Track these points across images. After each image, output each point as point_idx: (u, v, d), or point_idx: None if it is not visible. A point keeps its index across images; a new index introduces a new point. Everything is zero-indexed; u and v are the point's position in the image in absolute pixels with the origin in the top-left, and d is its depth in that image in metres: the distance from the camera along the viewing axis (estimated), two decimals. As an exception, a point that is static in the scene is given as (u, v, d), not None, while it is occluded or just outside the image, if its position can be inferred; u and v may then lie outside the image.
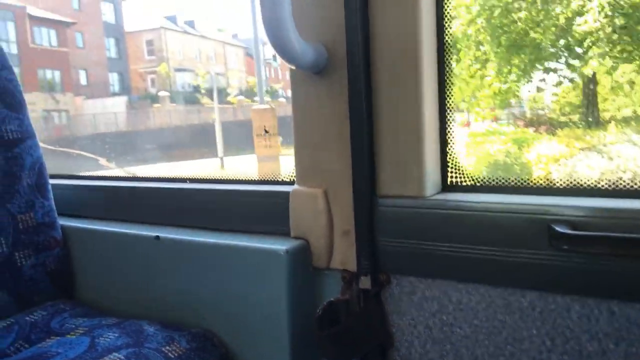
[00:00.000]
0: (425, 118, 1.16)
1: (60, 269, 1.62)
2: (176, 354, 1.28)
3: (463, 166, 1.23)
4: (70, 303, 1.58)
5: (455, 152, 1.24)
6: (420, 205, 1.16)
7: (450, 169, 1.24)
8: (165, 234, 1.46)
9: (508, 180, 1.18)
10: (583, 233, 0.98)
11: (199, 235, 1.42)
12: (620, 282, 0.97)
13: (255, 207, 1.42)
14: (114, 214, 1.67)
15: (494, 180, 1.19)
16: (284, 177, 1.45)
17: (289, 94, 1.35)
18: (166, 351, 1.28)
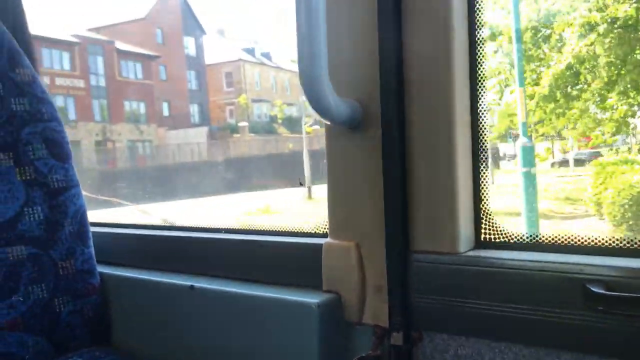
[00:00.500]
0: (459, 174, 1.15)
1: (96, 315, 1.65)
2: None
3: (497, 222, 1.21)
4: (105, 350, 1.61)
5: (489, 208, 1.21)
6: (454, 261, 1.15)
7: (484, 225, 1.21)
8: (200, 283, 1.48)
9: (542, 237, 1.15)
10: (619, 294, 0.96)
11: (232, 286, 1.43)
12: None
13: (287, 259, 1.42)
14: (150, 262, 1.70)
15: (528, 237, 1.17)
16: (316, 230, 1.45)
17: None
18: None
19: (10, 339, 1.48)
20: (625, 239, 1.06)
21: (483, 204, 1.21)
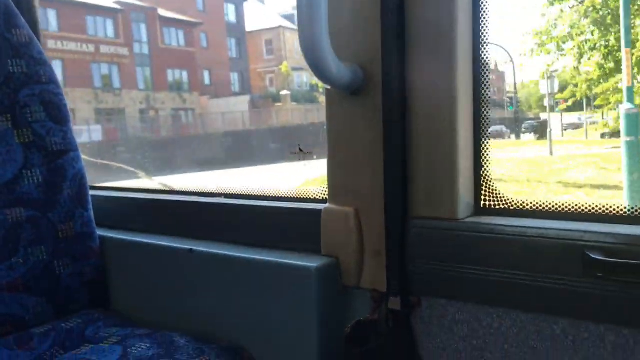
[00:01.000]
0: (460, 139, 1.14)
1: (96, 278, 1.67)
2: None
3: (497, 189, 1.20)
4: (105, 312, 1.63)
5: (490, 175, 1.20)
6: (453, 227, 1.14)
7: (484, 191, 1.21)
8: (199, 247, 1.49)
9: (542, 204, 1.14)
10: (618, 261, 0.96)
11: (232, 250, 1.44)
12: None
13: (287, 224, 1.43)
14: (150, 226, 1.71)
15: (528, 203, 1.16)
16: (316, 195, 1.45)
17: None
18: None
19: (10, 300, 1.50)
20: (626, 207, 1.05)
21: (484, 170, 1.20)
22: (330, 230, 1.31)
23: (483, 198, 1.20)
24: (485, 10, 1.16)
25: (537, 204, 1.15)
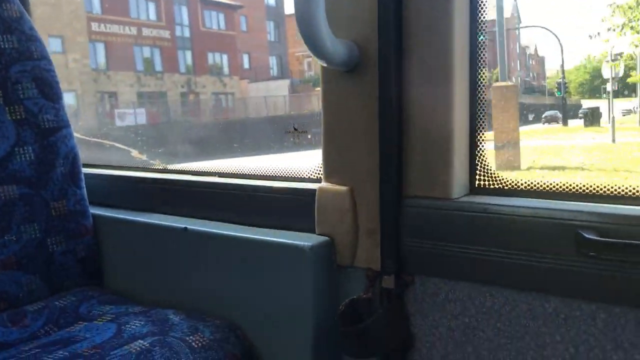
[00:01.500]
0: (455, 119, 1.15)
1: (89, 256, 1.67)
2: (200, 344, 1.30)
3: (491, 169, 1.21)
4: (99, 290, 1.63)
5: (485, 155, 1.21)
6: (447, 207, 1.15)
7: (478, 171, 1.21)
8: (193, 226, 1.48)
9: (536, 184, 1.15)
10: (611, 240, 0.98)
11: (226, 229, 1.43)
12: None
13: (281, 203, 1.43)
14: (144, 204, 1.71)
15: (522, 183, 1.17)
16: (310, 174, 1.45)
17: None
18: (190, 341, 1.30)
19: (3, 278, 1.50)
20: (619, 186, 1.07)
21: (479, 150, 1.21)
22: (324, 210, 1.31)
23: (478, 178, 1.21)
24: None
25: (531, 183, 1.15)
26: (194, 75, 28.48)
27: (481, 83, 1.18)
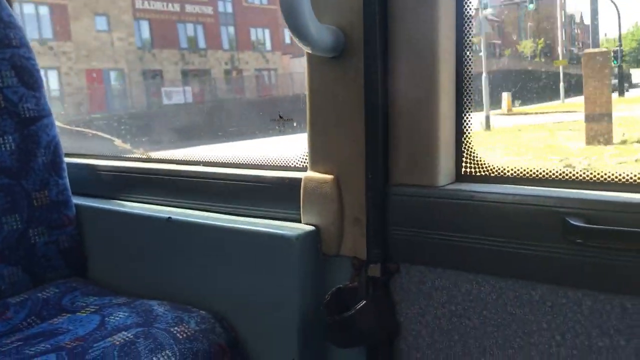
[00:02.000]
0: (441, 106, 1.13)
1: (72, 247, 1.65)
2: (184, 335, 1.29)
3: (478, 156, 1.20)
4: (82, 281, 1.61)
5: (471, 142, 1.20)
6: (433, 194, 1.14)
7: (465, 158, 1.21)
8: (177, 216, 1.47)
9: (522, 171, 1.15)
10: (597, 227, 0.97)
11: (211, 219, 1.42)
12: (634, 278, 0.96)
13: (267, 193, 1.42)
14: (127, 194, 1.69)
15: (509, 170, 1.17)
16: (296, 163, 1.44)
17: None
18: (175, 332, 1.29)
19: None
20: (605, 173, 1.06)
21: (465, 138, 1.20)
22: (310, 199, 1.30)
23: (464, 165, 1.20)
24: None
25: (518, 170, 1.15)
26: (237, 52, 27.86)
27: (468, 69, 1.17)
